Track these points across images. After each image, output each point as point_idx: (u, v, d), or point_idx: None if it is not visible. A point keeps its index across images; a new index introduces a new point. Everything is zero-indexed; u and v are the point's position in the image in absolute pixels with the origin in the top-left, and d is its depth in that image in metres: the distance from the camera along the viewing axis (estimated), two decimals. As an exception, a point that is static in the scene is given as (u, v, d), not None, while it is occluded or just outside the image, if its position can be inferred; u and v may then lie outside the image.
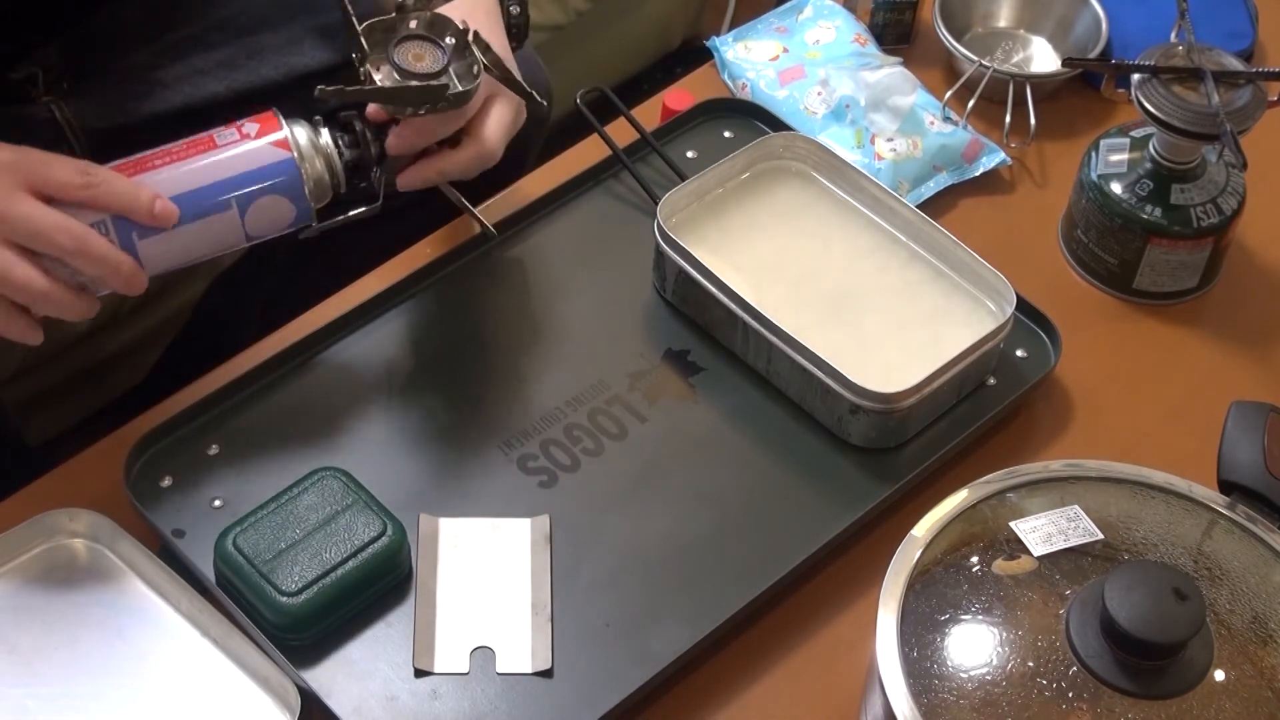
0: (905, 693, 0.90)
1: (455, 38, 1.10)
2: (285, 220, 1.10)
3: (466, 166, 1.13)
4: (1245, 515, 0.97)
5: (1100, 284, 1.30)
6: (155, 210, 1.03)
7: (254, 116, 1.09)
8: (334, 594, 1.04)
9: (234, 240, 1.08)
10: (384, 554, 1.06)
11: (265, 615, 1.03)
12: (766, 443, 1.16)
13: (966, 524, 0.97)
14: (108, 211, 1.03)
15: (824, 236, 1.25)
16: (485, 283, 1.25)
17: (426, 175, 1.13)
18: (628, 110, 1.34)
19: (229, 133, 1.08)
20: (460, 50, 1.10)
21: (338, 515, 1.07)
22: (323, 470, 1.09)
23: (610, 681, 1.03)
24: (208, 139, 1.08)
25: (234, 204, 1.07)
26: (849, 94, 1.36)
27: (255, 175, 1.07)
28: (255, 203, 1.07)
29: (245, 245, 1.10)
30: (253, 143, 1.07)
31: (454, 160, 1.13)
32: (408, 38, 1.09)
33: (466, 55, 1.10)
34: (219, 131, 1.08)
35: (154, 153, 1.07)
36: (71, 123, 1.29)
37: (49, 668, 1.03)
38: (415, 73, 1.08)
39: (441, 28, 1.10)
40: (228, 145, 1.07)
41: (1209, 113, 1.21)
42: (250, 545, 1.05)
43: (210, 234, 1.07)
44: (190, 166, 1.06)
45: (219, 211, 1.07)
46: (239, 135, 1.08)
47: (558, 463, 1.14)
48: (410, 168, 1.13)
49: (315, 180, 1.09)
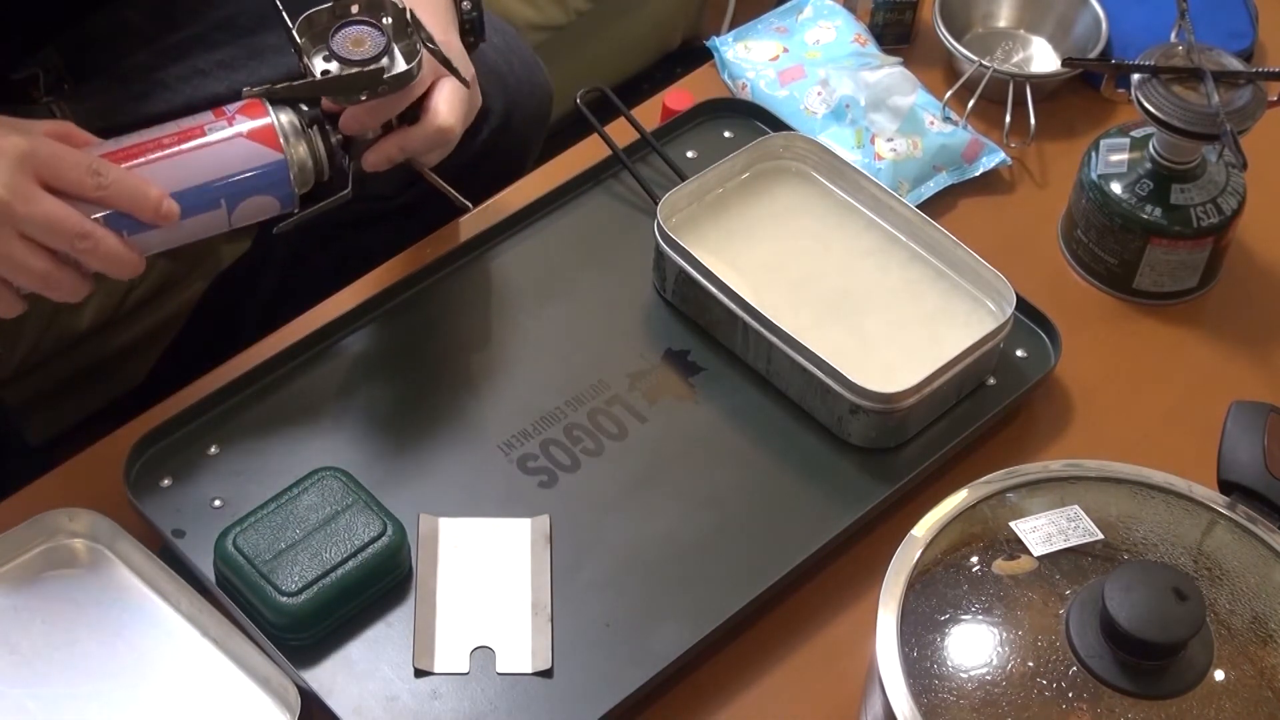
0: (905, 693, 0.90)
1: (393, 18, 1.10)
2: (270, 211, 1.10)
3: (425, 142, 1.13)
4: (1245, 515, 0.97)
5: (1100, 284, 1.30)
6: (161, 210, 1.05)
7: (241, 106, 1.09)
8: (334, 594, 1.04)
9: (216, 230, 1.09)
10: (384, 554, 1.06)
11: (265, 615, 1.04)
12: (766, 443, 1.16)
13: (966, 524, 0.97)
14: (114, 209, 1.04)
15: (824, 236, 1.25)
16: (485, 283, 1.25)
17: (389, 153, 1.13)
18: (628, 110, 1.34)
19: (219, 125, 1.08)
20: (400, 31, 1.10)
21: (338, 515, 1.07)
22: (323, 470, 1.09)
23: (610, 681, 1.03)
24: (198, 129, 1.07)
25: (223, 202, 1.07)
26: (849, 94, 1.36)
27: (246, 173, 1.08)
28: (244, 200, 1.08)
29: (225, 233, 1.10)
30: (243, 141, 1.07)
31: (412, 136, 1.13)
32: (347, 23, 1.09)
33: (409, 35, 1.10)
34: (209, 122, 1.08)
35: (145, 140, 1.07)
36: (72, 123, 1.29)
37: (49, 668, 1.03)
38: (354, 60, 1.08)
39: (378, 8, 1.10)
40: (218, 141, 1.07)
41: (1209, 113, 1.21)
42: (250, 545, 1.05)
43: (196, 227, 1.08)
44: (183, 162, 1.06)
45: (209, 209, 1.07)
46: (230, 130, 1.07)
47: (558, 463, 1.14)
48: (372, 147, 1.13)
49: (299, 169, 1.09)
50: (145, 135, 1.07)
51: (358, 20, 1.09)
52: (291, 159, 1.09)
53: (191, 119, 1.08)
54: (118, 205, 1.03)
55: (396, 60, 1.09)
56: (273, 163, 1.08)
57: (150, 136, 1.07)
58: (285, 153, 1.08)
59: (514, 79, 1.38)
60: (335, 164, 1.11)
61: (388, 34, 1.09)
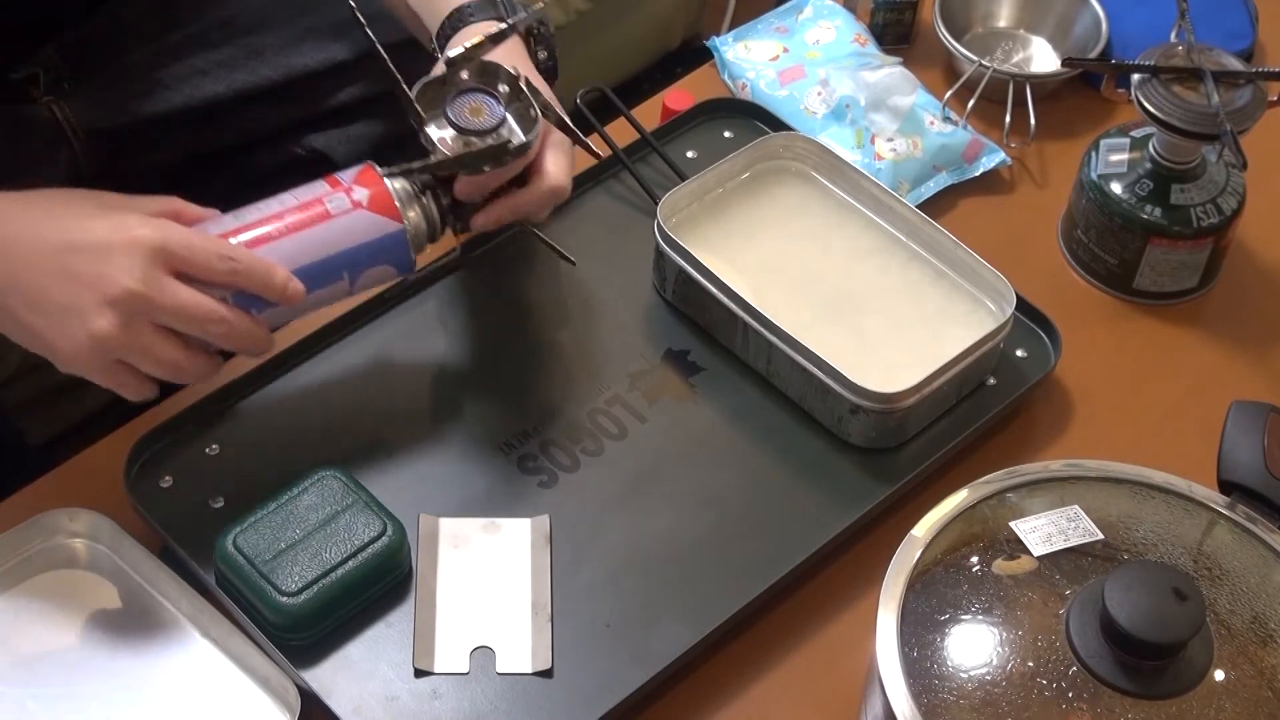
0: (905, 693, 0.90)
1: (508, 85, 1.11)
2: (388, 279, 1.11)
3: (538, 203, 1.13)
4: (1245, 515, 0.97)
5: (1100, 284, 1.30)
6: (288, 292, 1.04)
7: (356, 176, 1.08)
8: (334, 594, 1.04)
9: (339, 299, 1.10)
10: (384, 554, 1.06)
11: (265, 615, 1.04)
12: (766, 443, 1.17)
13: (966, 524, 0.97)
14: (243, 290, 1.04)
15: (824, 236, 1.25)
16: (485, 283, 1.25)
17: (499, 216, 1.13)
18: (628, 110, 1.34)
19: (337, 196, 1.07)
20: (514, 95, 1.10)
21: (338, 515, 1.07)
22: (323, 470, 1.09)
23: (610, 681, 1.03)
24: (316, 201, 1.07)
25: (346, 274, 1.08)
26: (849, 94, 1.36)
27: (367, 244, 1.08)
28: (366, 270, 1.09)
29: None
30: (363, 212, 1.07)
31: (525, 199, 1.12)
32: (462, 92, 1.10)
33: (521, 99, 1.10)
34: (326, 194, 1.07)
35: (265, 215, 1.06)
36: (72, 122, 1.29)
37: (49, 668, 1.03)
38: (476, 129, 1.08)
39: (492, 76, 1.11)
40: (340, 214, 1.07)
41: (1209, 113, 1.21)
42: (250, 545, 1.05)
43: (320, 299, 1.09)
44: (306, 238, 1.06)
45: (333, 282, 1.08)
46: (350, 203, 1.07)
47: (558, 463, 1.14)
48: (484, 210, 1.13)
49: (415, 235, 1.10)
50: (263, 209, 1.07)
51: (474, 88, 1.10)
52: (409, 227, 1.09)
53: (306, 190, 1.08)
54: (247, 288, 1.03)
55: (514, 128, 1.10)
56: (393, 232, 1.08)
57: (269, 211, 1.07)
58: (403, 221, 1.08)
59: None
60: (446, 228, 1.12)
61: (503, 101, 1.10)
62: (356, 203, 1.07)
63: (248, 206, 1.07)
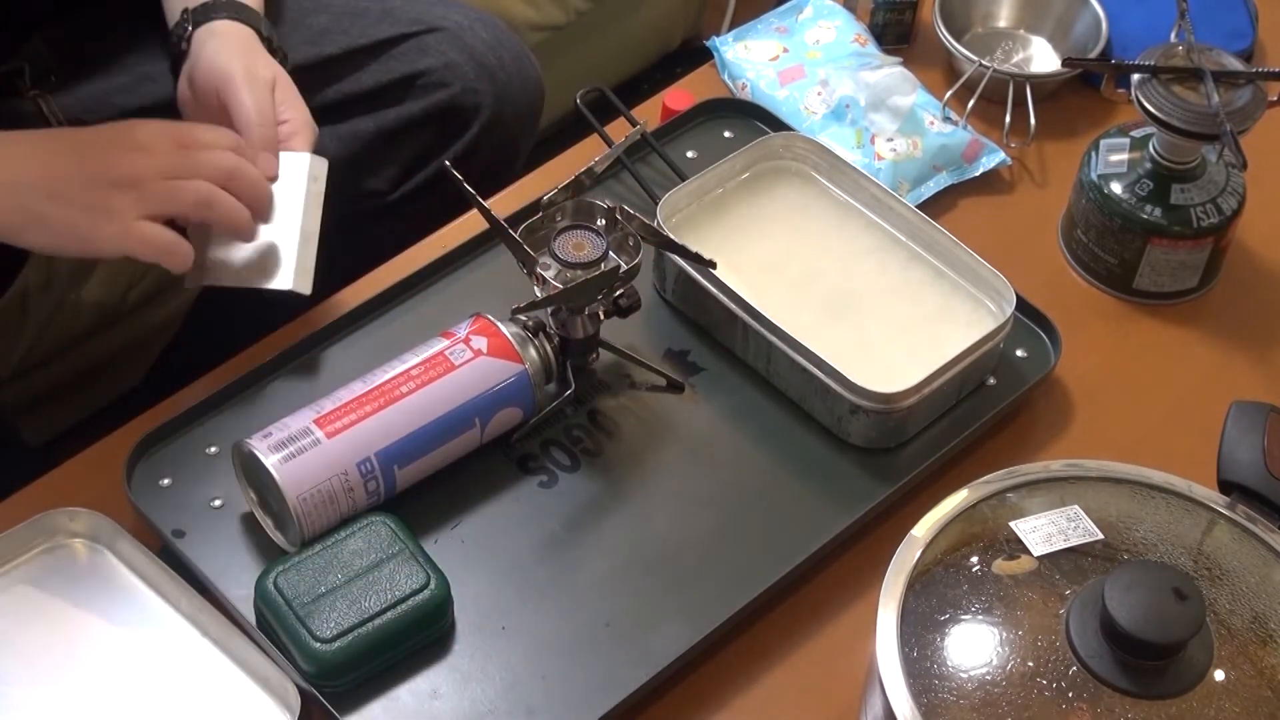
0: (905, 693, 0.90)
1: (604, 218, 1.15)
2: (513, 422, 1.14)
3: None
4: (1245, 515, 0.97)
5: (1100, 284, 1.30)
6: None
7: (472, 326, 1.12)
8: (368, 644, 1.01)
9: (470, 448, 1.12)
10: (425, 607, 1.03)
11: (298, 660, 1.01)
12: (766, 443, 1.17)
13: (966, 524, 0.97)
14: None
15: (824, 236, 1.25)
16: (485, 283, 1.25)
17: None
18: (628, 110, 1.34)
19: (460, 350, 1.11)
20: (610, 227, 1.15)
21: (382, 563, 1.04)
22: (373, 516, 1.07)
23: (610, 681, 1.03)
24: (440, 357, 1.10)
25: (477, 420, 1.10)
26: (849, 94, 1.36)
27: (495, 388, 1.11)
28: (495, 414, 1.11)
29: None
30: (486, 359, 1.11)
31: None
32: (563, 230, 1.13)
33: (618, 229, 1.15)
34: (449, 348, 1.11)
35: (394, 375, 1.09)
36: (58, 116, 1.29)
37: (49, 667, 1.03)
38: (582, 263, 1.12)
39: (589, 212, 1.15)
40: (463, 364, 1.10)
41: (1209, 113, 1.21)
42: (291, 586, 1.03)
43: (454, 449, 1.11)
44: (437, 391, 1.09)
45: (465, 430, 1.10)
46: (471, 353, 1.11)
47: (558, 463, 1.14)
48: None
49: (535, 374, 1.13)
50: (389, 370, 1.10)
51: (571, 226, 1.14)
52: (529, 366, 1.12)
53: (426, 347, 1.11)
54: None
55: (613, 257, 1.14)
56: (516, 374, 1.11)
57: (396, 371, 1.10)
58: (524, 362, 1.11)
59: (504, 73, 1.38)
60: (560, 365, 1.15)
61: (603, 234, 1.13)
62: (477, 350, 1.11)
63: (373, 370, 1.10)
